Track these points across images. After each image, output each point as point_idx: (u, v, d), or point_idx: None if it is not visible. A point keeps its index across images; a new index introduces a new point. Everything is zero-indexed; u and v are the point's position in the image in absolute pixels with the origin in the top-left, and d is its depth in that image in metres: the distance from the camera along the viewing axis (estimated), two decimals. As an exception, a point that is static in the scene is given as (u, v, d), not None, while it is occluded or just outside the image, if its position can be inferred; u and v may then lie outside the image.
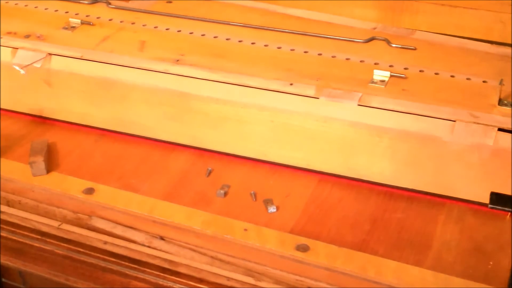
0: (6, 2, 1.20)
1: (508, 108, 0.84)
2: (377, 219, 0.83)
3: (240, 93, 0.93)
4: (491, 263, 0.76)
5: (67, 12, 1.15)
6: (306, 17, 1.11)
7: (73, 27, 1.09)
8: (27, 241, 0.92)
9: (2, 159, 0.95)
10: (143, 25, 1.10)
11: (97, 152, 0.99)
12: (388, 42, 1.01)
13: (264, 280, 0.78)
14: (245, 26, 1.08)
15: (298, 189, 0.89)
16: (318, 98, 0.90)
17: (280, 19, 1.10)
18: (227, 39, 1.04)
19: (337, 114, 0.88)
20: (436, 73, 0.93)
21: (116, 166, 0.96)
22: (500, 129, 0.82)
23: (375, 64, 0.96)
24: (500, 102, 0.85)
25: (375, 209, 0.85)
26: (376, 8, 1.14)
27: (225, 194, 0.88)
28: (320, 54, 0.99)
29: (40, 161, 0.92)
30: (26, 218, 0.92)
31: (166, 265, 0.83)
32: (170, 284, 0.83)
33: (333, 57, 0.98)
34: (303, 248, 0.77)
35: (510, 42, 1.03)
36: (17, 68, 1.03)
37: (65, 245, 0.89)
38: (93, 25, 1.10)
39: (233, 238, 0.80)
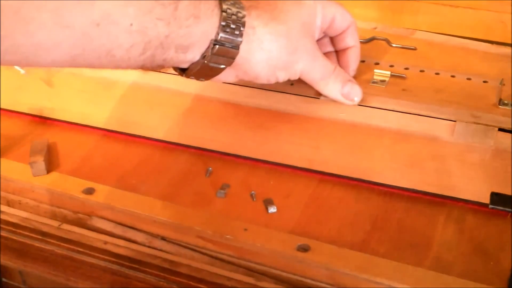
0: (6, 2, 1.20)
1: (509, 108, 0.84)
2: (377, 219, 0.83)
3: (240, 93, 0.93)
4: (491, 263, 0.76)
5: (67, 12, 1.15)
6: (306, 17, 1.11)
7: (73, 27, 1.09)
8: (28, 241, 0.92)
9: (2, 159, 0.95)
10: (143, 25, 1.09)
11: (97, 152, 0.99)
12: (388, 42, 1.01)
13: (265, 280, 0.78)
14: (245, 26, 1.08)
15: (298, 189, 0.89)
16: (318, 98, 0.90)
17: (280, 19, 1.10)
18: (227, 39, 1.04)
19: (337, 114, 0.88)
20: (436, 73, 0.93)
21: (116, 166, 0.95)
22: (500, 129, 0.82)
23: (376, 64, 0.96)
24: (501, 102, 0.85)
25: (375, 209, 0.85)
26: (376, 8, 1.14)
27: (225, 194, 0.88)
28: (320, 54, 0.99)
29: (40, 161, 0.92)
30: (26, 218, 0.92)
31: (166, 265, 0.83)
32: (170, 284, 0.83)
33: (333, 57, 0.98)
34: (304, 248, 0.77)
35: (510, 42, 1.03)
36: (17, 68, 1.03)
37: (65, 245, 0.89)
38: (93, 25, 1.10)
39: (233, 238, 0.80)
